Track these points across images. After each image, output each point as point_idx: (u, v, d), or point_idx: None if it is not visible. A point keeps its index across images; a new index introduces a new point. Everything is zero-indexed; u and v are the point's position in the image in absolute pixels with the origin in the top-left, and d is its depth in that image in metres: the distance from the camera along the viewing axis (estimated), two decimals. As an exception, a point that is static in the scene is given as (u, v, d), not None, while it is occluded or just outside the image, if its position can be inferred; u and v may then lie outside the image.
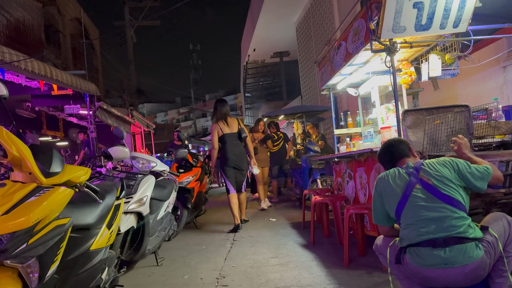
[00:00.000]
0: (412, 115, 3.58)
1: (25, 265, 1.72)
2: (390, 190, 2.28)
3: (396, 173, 2.31)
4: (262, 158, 8.13)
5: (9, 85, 6.25)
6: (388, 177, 2.33)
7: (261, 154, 8.16)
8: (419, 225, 2.09)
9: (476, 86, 6.09)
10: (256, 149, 7.89)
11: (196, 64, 45.05)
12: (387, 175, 2.35)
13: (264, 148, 8.37)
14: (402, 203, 2.19)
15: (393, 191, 2.25)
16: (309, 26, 13.21)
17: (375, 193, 2.39)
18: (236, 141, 5.68)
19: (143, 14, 19.22)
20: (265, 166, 8.21)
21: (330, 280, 3.10)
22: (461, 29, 3.72)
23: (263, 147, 8.37)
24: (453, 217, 2.04)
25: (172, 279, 3.51)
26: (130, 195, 3.33)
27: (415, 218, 2.12)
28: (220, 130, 5.63)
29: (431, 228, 2.05)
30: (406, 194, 2.19)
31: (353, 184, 4.62)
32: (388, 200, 2.28)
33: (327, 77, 5.73)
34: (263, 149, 8.31)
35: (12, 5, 10.64)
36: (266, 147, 8.43)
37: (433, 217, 2.07)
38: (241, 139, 5.74)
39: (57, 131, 11.03)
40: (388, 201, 2.28)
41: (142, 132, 13.92)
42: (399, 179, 2.27)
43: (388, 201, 2.29)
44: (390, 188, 2.27)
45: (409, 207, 2.16)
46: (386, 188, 2.31)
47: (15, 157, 1.87)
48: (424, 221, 2.08)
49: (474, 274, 1.96)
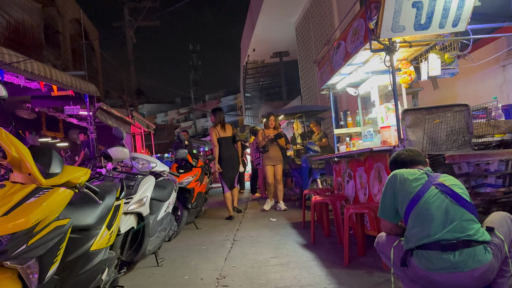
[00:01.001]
0: (411, 114, 3.57)
1: (25, 266, 1.72)
2: (405, 186, 2.24)
3: (415, 172, 2.29)
4: (274, 155, 7.41)
5: (9, 86, 6.26)
6: (405, 174, 2.29)
7: (273, 151, 7.41)
8: (429, 225, 2.05)
9: (475, 85, 6.08)
10: (267, 146, 7.36)
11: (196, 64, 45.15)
12: (405, 172, 2.31)
13: (275, 145, 7.44)
14: (414, 202, 2.16)
15: (408, 188, 2.21)
16: (308, 26, 13.21)
17: (387, 187, 2.34)
18: (230, 144, 6.85)
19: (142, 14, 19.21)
20: (278, 163, 7.43)
21: (331, 280, 3.10)
22: (460, 28, 3.72)
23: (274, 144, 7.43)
24: (465, 219, 2.03)
25: (172, 280, 3.51)
26: (130, 195, 3.33)
27: (425, 218, 2.09)
28: (218, 133, 6.75)
29: (441, 229, 2.02)
30: (421, 193, 2.16)
31: (353, 184, 4.62)
32: (401, 196, 2.24)
33: (327, 77, 5.73)
34: (274, 145, 7.45)
35: (11, 6, 10.64)
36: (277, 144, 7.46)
37: (444, 218, 2.04)
38: (234, 142, 6.98)
39: (57, 132, 11.03)
40: (401, 198, 2.24)
41: (142, 133, 13.91)
42: (416, 177, 2.24)
43: (400, 197, 2.24)
44: (406, 185, 2.24)
45: (421, 206, 2.13)
46: (401, 184, 2.26)
47: (15, 158, 1.87)
48: (434, 221, 2.05)
49: (483, 278, 1.94)
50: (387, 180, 2.37)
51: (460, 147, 3.45)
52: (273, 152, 7.41)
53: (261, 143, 7.39)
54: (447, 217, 2.04)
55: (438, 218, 2.05)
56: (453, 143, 3.45)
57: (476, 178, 3.22)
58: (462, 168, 3.19)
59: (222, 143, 6.73)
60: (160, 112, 57.06)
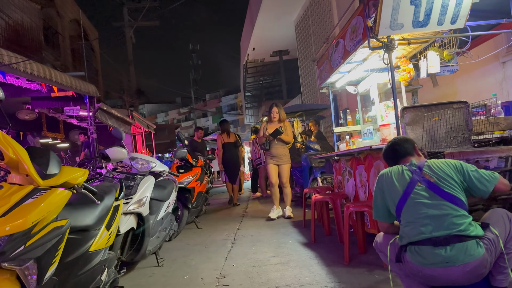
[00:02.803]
0: (411, 112, 3.57)
1: (23, 267, 1.72)
2: (392, 186, 2.28)
3: (399, 170, 2.31)
4: (278, 153, 6.25)
5: (9, 87, 6.26)
6: (390, 174, 2.33)
7: (276, 149, 6.25)
8: (420, 222, 2.08)
9: (475, 82, 6.07)
10: (267, 143, 6.26)
11: (196, 64, 45.11)
12: (390, 171, 2.35)
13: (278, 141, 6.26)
14: (403, 200, 2.19)
15: (395, 188, 2.25)
16: (308, 24, 13.20)
17: (376, 189, 2.38)
18: (232, 148, 8.62)
19: (142, 14, 19.22)
20: (283, 163, 6.27)
21: (331, 278, 3.09)
22: (459, 25, 3.71)
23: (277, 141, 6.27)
24: (454, 215, 2.04)
25: (173, 280, 3.51)
26: (129, 195, 3.33)
27: (415, 215, 2.12)
28: (223, 139, 8.53)
29: (431, 226, 2.04)
30: (408, 191, 2.19)
31: (353, 182, 4.61)
32: (390, 196, 2.28)
33: (326, 75, 5.72)
34: (279, 143, 6.26)
35: (10, 7, 10.64)
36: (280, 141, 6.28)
37: (434, 214, 2.06)
38: (237, 146, 8.78)
39: (58, 133, 11.02)
40: (390, 198, 2.28)
41: (143, 133, 13.91)
42: (401, 176, 2.27)
43: (389, 197, 2.29)
44: (392, 185, 2.27)
45: (410, 204, 2.16)
46: (388, 184, 2.30)
47: (12, 159, 1.87)
48: (424, 218, 2.08)
49: (475, 272, 1.95)
50: (376, 182, 2.41)
51: (460, 144, 3.45)
52: (276, 150, 6.23)
53: (260, 139, 6.40)
54: (436, 214, 2.06)
55: (427, 215, 2.08)
56: (452, 140, 3.45)
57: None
58: (462, 165, 3.18)
59: (225, 148, 8.55)
60: (161, 112, 57.08)
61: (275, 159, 6.29)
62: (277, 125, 6.30)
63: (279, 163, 6.29)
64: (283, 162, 6.29)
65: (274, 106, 6.43)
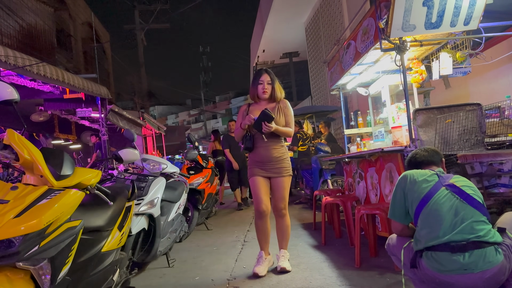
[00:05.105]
0: (423, 114, 3.54)
1: (37, 267, 1.75)
2: (415, 187, 2.22)
3: (426, 172, 2.27)
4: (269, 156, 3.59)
5: (23, 89, 6.35)
6: (415, 174, 2.27)
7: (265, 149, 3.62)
8: (438, 226, 2.03)
9: (488, 84, 6.00)
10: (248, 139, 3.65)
11: (206, 66, 45.28)
12: (415, 172, 2.30)
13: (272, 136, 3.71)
14: (424, 202, 2.14)
15: (418, 189, 2.19)
16: (318, 26, 13.17)
17: (397, 187, 2.32)
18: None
19: (153, 17, 19.36)
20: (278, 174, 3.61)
21: (342, 281, 3.07)
22: (472, 27, 3.67)
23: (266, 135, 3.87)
24: (475, 220, 2.00)
25: (183, 281, 3.52)
26: (141, 197, 3.35)
27: (435, 219, 2.06)
28: (215, 146, 8.92)
29: (450, 230, 1.99)
30: (431, 193, 2.13)
31: (364, 185, 4.59)
32: (411, 196, 2.22)
33: (337, 77, 5.70)
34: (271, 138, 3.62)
35: (24, 10, 10.80)
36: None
37: (454, 219, 2.02)
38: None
39: (70, 134, 11.14)
40: (411, 198, 2.22)
41: (153, 134, 14.00)
42: (427, 178, 2.22)
43: (410, 197, 2.22)
44: (416, 185, 2.22)
45: (430, 207, 2.10)
46: (411, 184, 2.24)
47: (27, 160, 1.89)
48: (443, 222, 2.02)
49: (493, 279, 1.91)
50: (398, 181, 2.35)
51: (473, 146, 3.41)
52: (265, 150, 3.63)
53: (237, 133, 3.76)
54: (457, 218, 2.01)
55: (447, 219, 2.03)
56: (465, 143, 3.41)
57: (489, 178, 3.17)
58: (475, 168, 3.14)
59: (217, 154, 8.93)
60: (171, 113, 57.28)
61: (264, 166, 3.62)
62: (266, 105, 3.69)
63: (272, 174, 3.62)
64: (278, 172, 3.62)
65: (264, 73, 3.73)
